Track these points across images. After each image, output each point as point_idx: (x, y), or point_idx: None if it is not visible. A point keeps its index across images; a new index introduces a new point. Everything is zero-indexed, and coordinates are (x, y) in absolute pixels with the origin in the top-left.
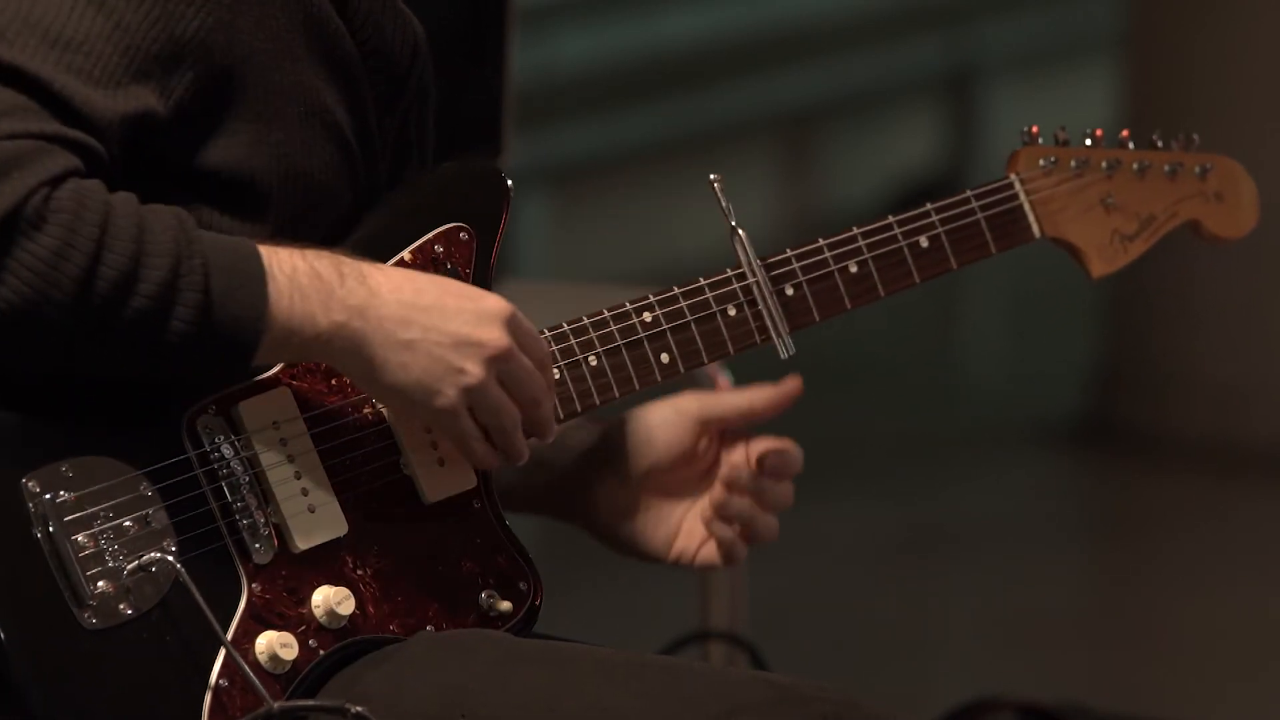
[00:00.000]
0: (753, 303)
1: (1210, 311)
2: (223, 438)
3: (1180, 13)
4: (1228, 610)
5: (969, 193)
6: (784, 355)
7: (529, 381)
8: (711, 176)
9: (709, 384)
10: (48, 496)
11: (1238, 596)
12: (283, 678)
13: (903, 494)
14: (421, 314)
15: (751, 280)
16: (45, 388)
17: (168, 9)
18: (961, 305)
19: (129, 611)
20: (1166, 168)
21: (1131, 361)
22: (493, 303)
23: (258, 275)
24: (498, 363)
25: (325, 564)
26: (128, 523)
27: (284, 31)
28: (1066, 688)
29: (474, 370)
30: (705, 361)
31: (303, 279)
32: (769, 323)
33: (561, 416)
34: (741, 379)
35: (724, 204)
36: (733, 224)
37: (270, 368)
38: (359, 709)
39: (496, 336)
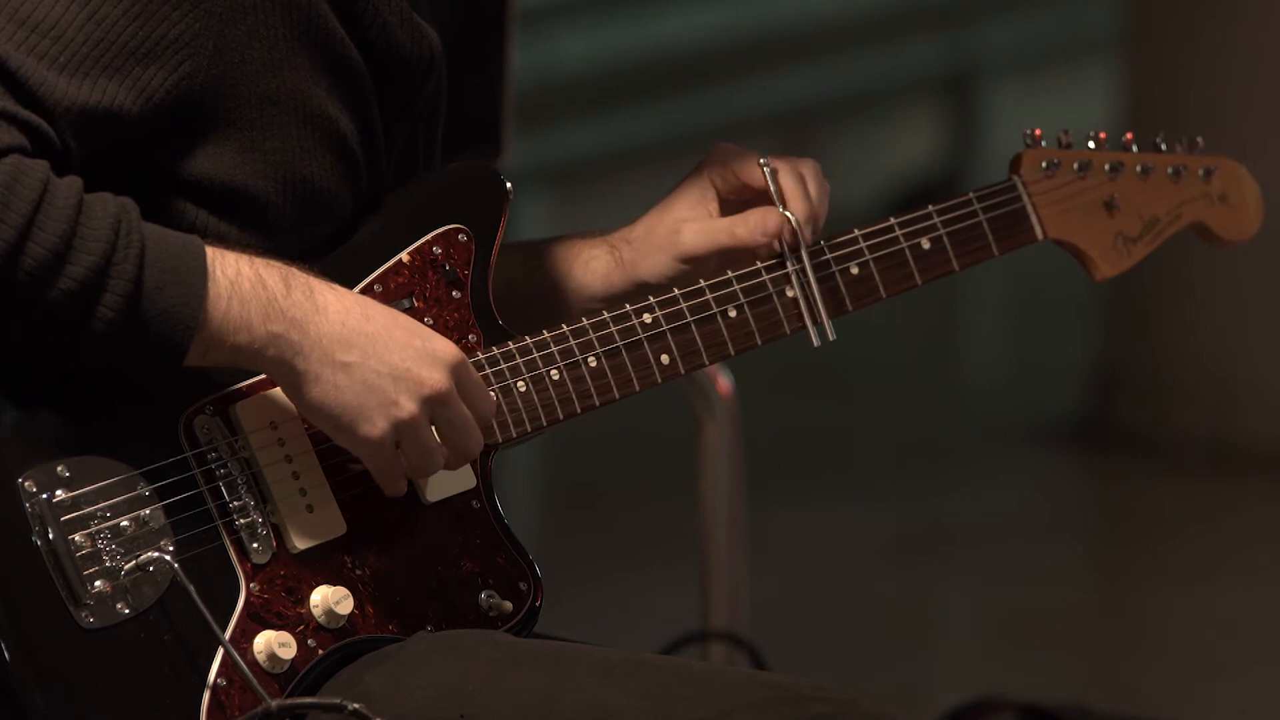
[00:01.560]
0: (755, 302)
1: (1210, 311)
2: (220, 438)
3: (1180, 14)
4: (1227, 610)
5: (971, 194)
6: (818, 342)
7: (464, 432)
8: (761, 160)
9: (709, 385)
10: (44, 496)
11: (1237, 596)
12: (281, 677)
13: (903, 494)
14: (365, 339)
15: (793, 269)
16: (41, 387)
17: (149, 8)
18: (961, 306)
19: (126, 611)
20: (1170, 170)
21: (1131, 361)
22: (441, 345)
23: (197, 273)
24: (433, 404)
25: (324, 564)
26: (125, 522)
27: (282, 40)
28: (1066, 688)
29: (408, 405)
30: (706, 363)
31: (245, 284)
32: (807, 311)
33: (561, 418)
34: (742, 381)
35: (773, 188)
36: (782, 209)
37: None
38: (356, 706)
39: (438, 378)
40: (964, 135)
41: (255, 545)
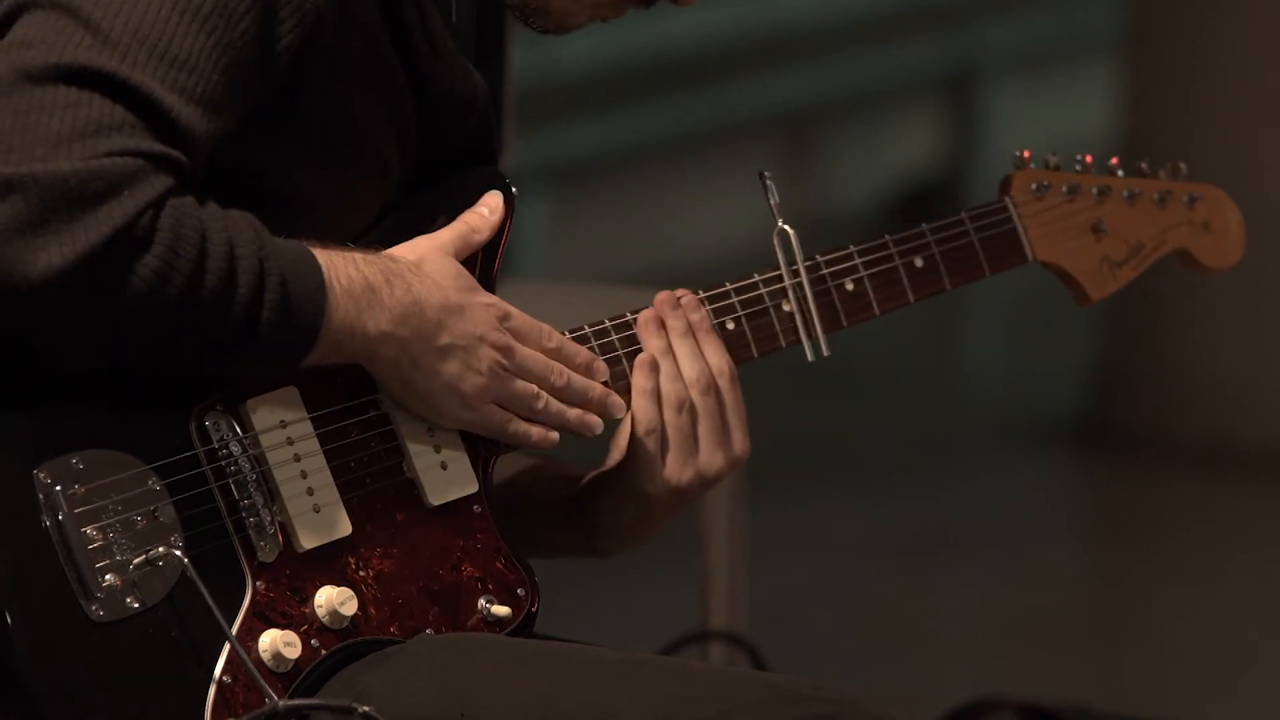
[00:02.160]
0: (752, 315)
1: (1210, 312)
2: (230, 435)
3: (1180, 15)
4: (1227, 610)
5: (964, 214)
6: (812, 357)
7: (532, 364)
8: (763, 172)
9: None
10: (58, 488)
11: (1237, 596)
12: (285, 676)
13: (903, 494)
14: (448, 314)
15: (790, 282)
16: (56, 381)
17: (265, 26)
18: (961, 306)
19: (136, 605)
20: (1156, 196)
21: (1131, 362)
22: (484, 298)
23: (319, 288)
24: (504, 353)
25: (329, 564)
26: (136, 517)
27: (351, 58)
28: (1067, 688)
29: (485, 365)
30: None
31: (357, 289)
32: (803, 325)
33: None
34: (743, 381)
35: (772, 200)
36: (780, 223)
37: None
38: (366, 709)
39: (489, 329)
40: (964, 135)
41: (262, 544)
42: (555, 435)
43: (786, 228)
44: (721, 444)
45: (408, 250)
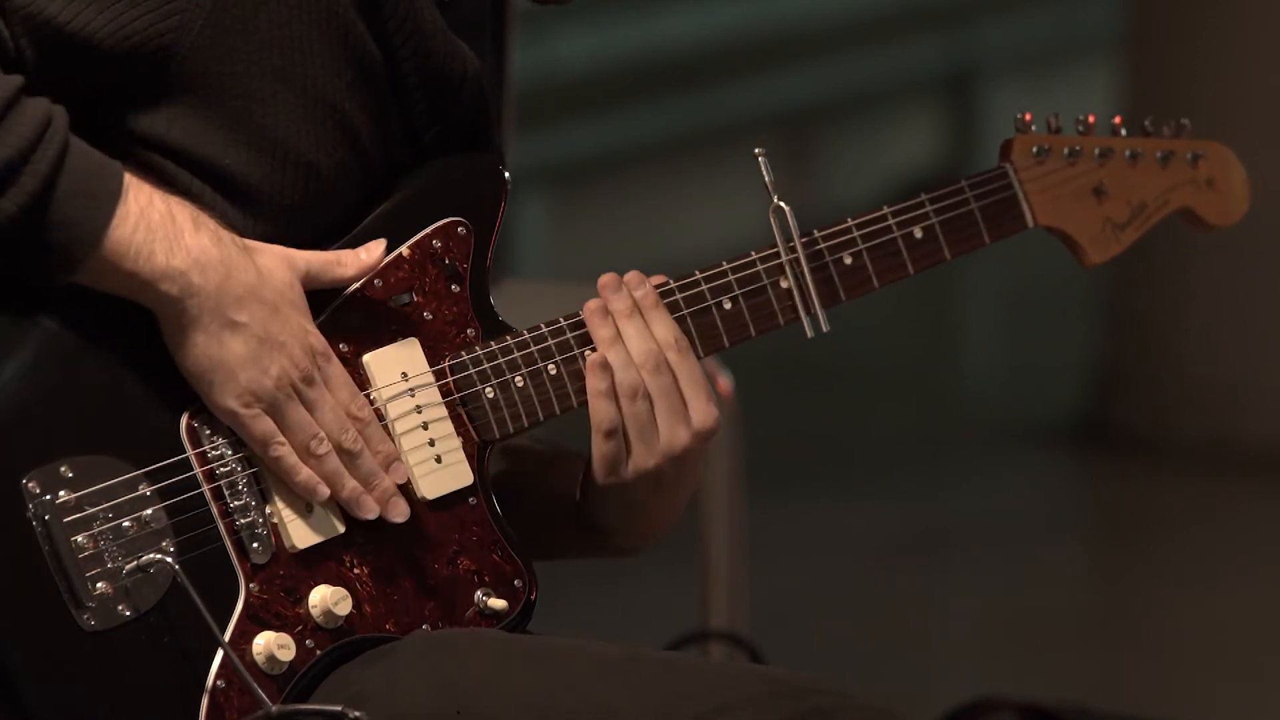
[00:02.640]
0: (750, 294)
1: (1209, 312)
2: (221, 438)
3: (1180, 13)
4: (1227, 610)
5: (963, 182)
6: (811, 333)
7: (330, 414)
8: (757, 150)
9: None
10: (47, 497)
11: (1237, 596)
12: (279, 678)
13: (903, 494)
14: (256, 301)
15: (787, 259)
16: (44, 387)
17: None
18: (960, 305)
19: (127, 613)
20: (1159, 155)
21: (1130, 361)
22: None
23: (111, 192)
24: (305, 384)
25: (322, 564)
26: (126, 523)
27: (296, 20)
28: (1066, 688)
29: (275, 371)
30: (701, 355)
31: (155, 215)
32: (800, 302)
33: (558, 412)
34: (742, 381)
35: (768, 178)
36: (775, 199)
37: None
38: (357, 714)
39: (301, 359)
40: (964, 135)
41: (255, 545)
42: (324, 491)
43: (782, 204)
44: (681, 419)
45: (254, 244)
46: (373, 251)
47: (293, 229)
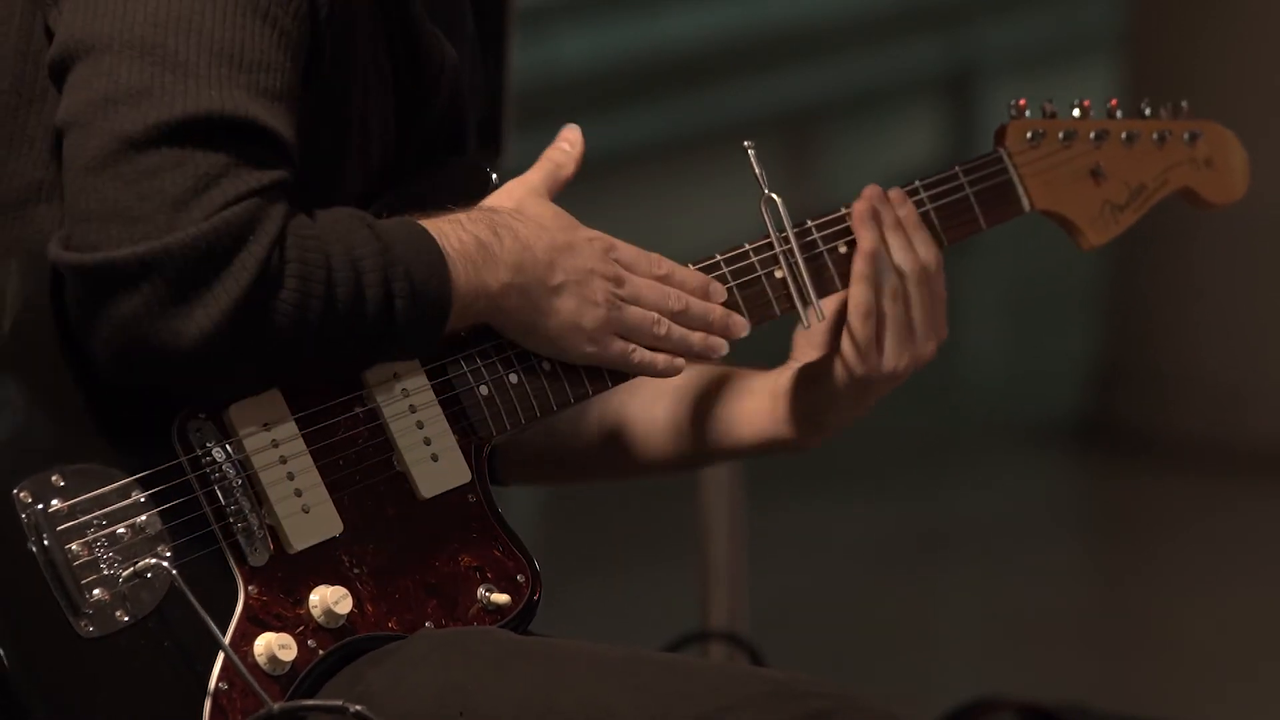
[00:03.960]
0: (744, 285)
1: (1210, 311)
2: (214, 441)
3: (1180, 13)
4: (1227, 610)
5: (957, 168)
6: (807, 324)
7: (647, 292)
8: (746, 143)
9: None
10: (40, 506)
11: (1237, 596)
12: (282, 679)
13: (903, 494)
14: (559, 252)
15: (781, 249)
16: (34, 397)
17: (311, 3)
18: (960, 305)
19: (126, 619)
20: (1155, 135)
21: (1131, 361)
22: (584, 233)
23: (440, 261)
24: (617, 283)
25: (322, 564)
26: (121, 530)
27: (355, 29)
28: (1066, 688)
29: (601, 297)
30: None
31: (471, 250)
32: (796, 291)
33: (554, 408)
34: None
35: (758, 170)
36: (766, 190)
37: None
38: (358, 708)
39: (598, 263)
40: (964, 135)
41: (252, 548)
42: (681, 362)
43: (773, 195)
44: (934, 330)
45: (504, 198)
46: (573, 140)
47: None
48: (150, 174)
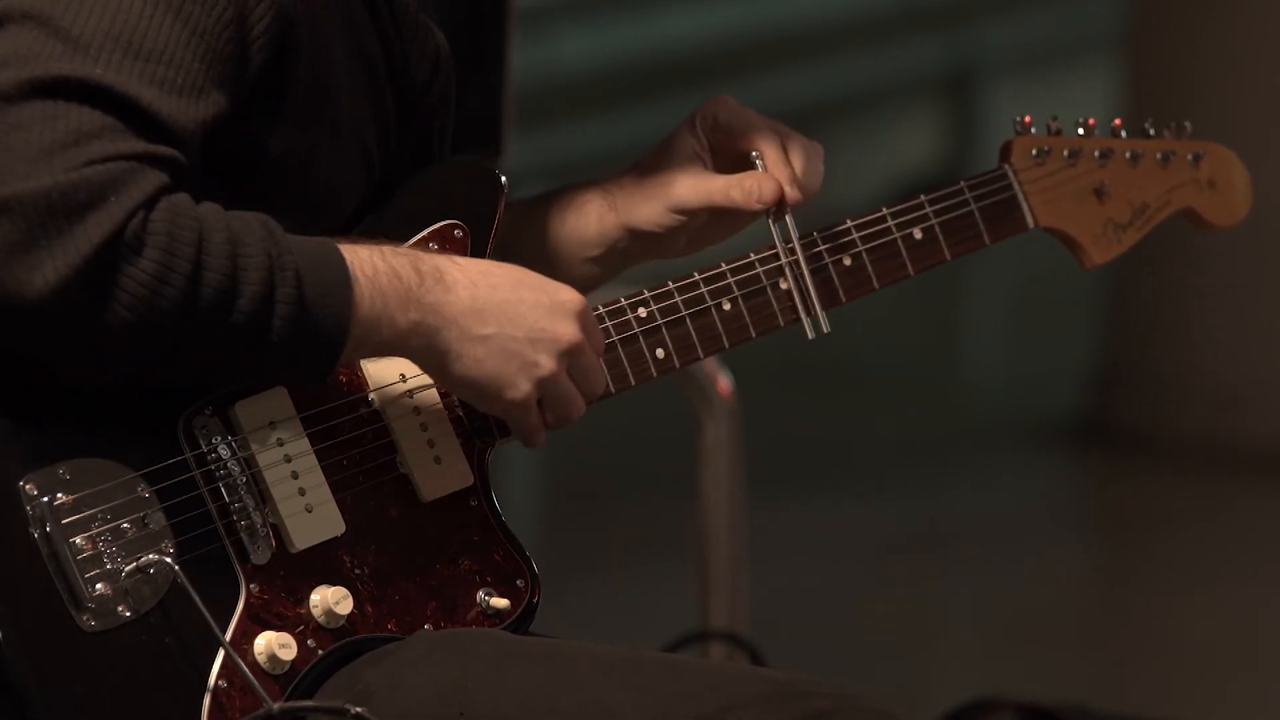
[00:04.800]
0: (749, 295)
1: (1210, 312)
2: (219, 438)
3: (1180, 13)
4: (1227, 610)
5: (962, 183)
6: (812, 334)
7: (595, 374)
8: (753, 153)
9: (709, 385)
10: (45, 499)
11: (1237, 596)
12: (281, 678)
13: (903, 494)
14: (496, 308)
15: (786, 260)
16: (41, 390)
17: (240, 8)
18: (961, 305)
19: (127, 613)
20: (1159, 155)
21: (1131, 361)
22: (566, 295)
23: (344, 281)
24: (569, 356)
25: (323, 563)
26: (125, 524)
27: (326, 31)
28: (1066, 688)
29: (547, 363)
30: (701, 356)
31: (383, 280)
32: (800, 303)
33: None
34: (742, 381)
35: None
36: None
37: None
38: (359, 709)
39: (570, 330)
40: (964, 135)
41: (255, 546)
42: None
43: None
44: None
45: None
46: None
47: (298, 233)
48: (18, 127)
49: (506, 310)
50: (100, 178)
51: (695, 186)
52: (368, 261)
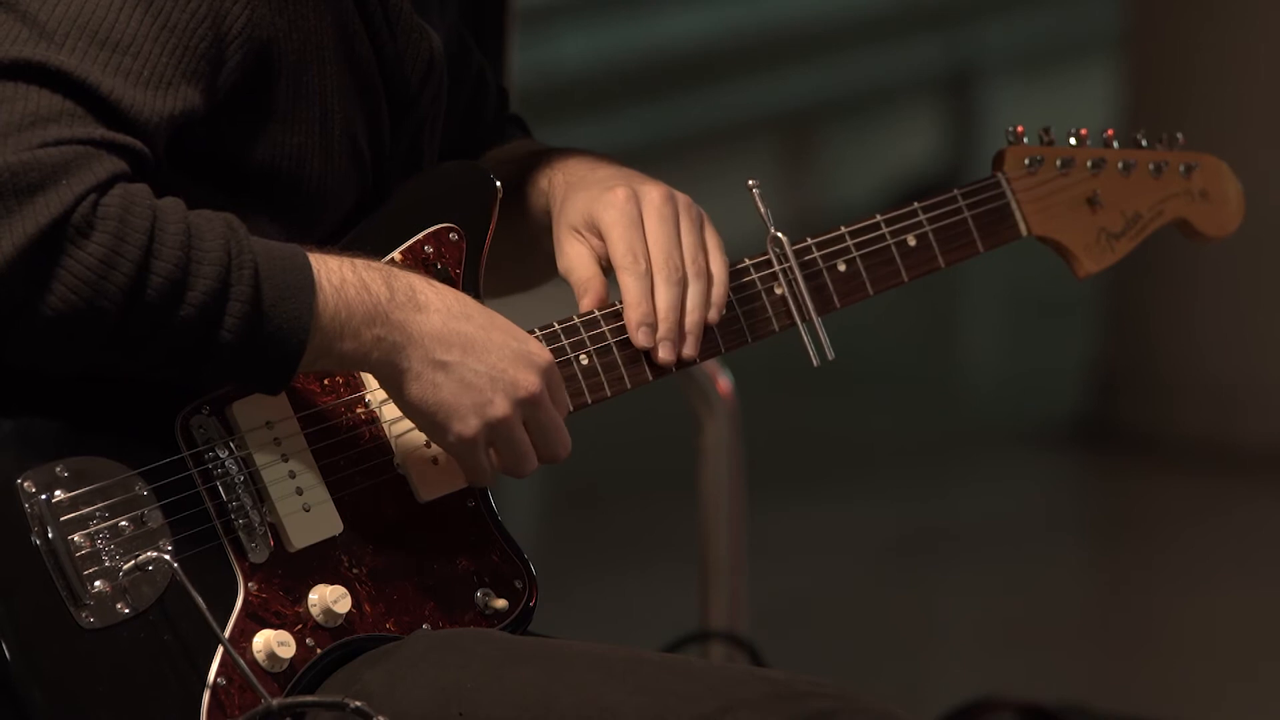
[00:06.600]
0: (745, 300)
1: (1209, 312)
2: (217, 437)
3: (1180, 13)
4: (1227, 610)
5: (956, 191)
6: (818, 362)
7: (554, 434)
8: (750, 182)
9: (709, 385)
10: (43, 497)
11: (1237, 596)
12: (280, 676)
13: (903, 494)
14: (463, 339)
15: (780, 267)
16: (40, 389)
17: (215, 6)
18: (961, 306)
19: (126, 611)
20: (1151, 166)
21: (1131, 361)
22: (535, 348)
23: (306, 287)
24: (526, 406)
25: (321, 563)
26: (124, 522)
27: (314, 32)
28: (1066, 688)
29: (502, 406)
30: (696, 360)
31: (350, 292)
32: (795, 309)
33: (570, 408)
34: (742, 381)
35: (762, 209)
36: (772, 229)
37: None
38: (358, 704)
39: (532, 380)
40: (964, 135)
41: (253, 544)
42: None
43: (780, 234)
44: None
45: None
46: None
47: (292, 238)
48: None
49: (474, 344)
50: (53, 160)
51: (577, 256)
52: (336, 271)
